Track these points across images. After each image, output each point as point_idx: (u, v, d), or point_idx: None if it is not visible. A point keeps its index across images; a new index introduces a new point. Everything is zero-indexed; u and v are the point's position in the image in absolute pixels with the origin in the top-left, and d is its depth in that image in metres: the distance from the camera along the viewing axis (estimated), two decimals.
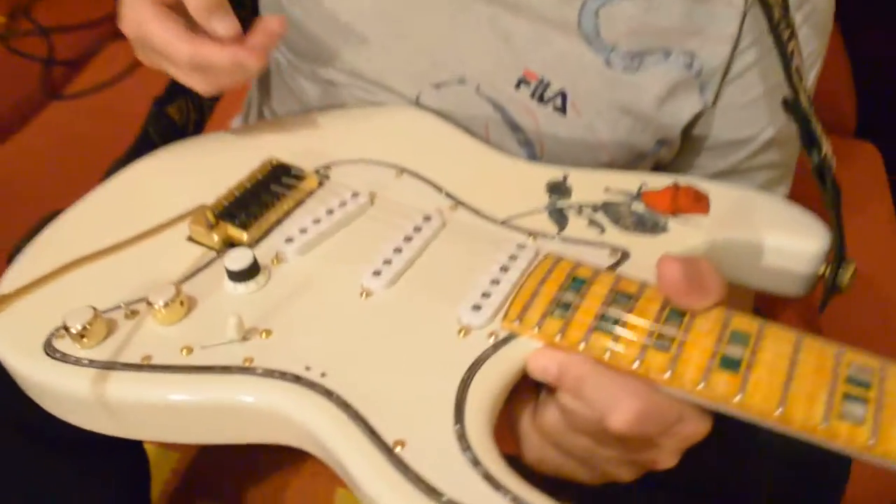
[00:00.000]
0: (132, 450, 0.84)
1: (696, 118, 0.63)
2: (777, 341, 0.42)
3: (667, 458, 0.43)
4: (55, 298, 0.48)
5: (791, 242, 0.50)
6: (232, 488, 1.14)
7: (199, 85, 0.53)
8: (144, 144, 0.65)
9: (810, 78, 0.65)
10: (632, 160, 0.64)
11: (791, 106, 0.54)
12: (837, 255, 0.49)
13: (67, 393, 0.45)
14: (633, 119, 0.61)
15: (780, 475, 0.64)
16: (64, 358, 0.45)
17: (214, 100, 0.71)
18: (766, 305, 0.59)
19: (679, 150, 0.67)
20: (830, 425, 0.38)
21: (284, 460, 1.18)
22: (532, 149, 0.63)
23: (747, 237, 0.50)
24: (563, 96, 0.60)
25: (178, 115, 0.65)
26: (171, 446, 1.17)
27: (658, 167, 0.68)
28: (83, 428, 0.46)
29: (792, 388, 0.40)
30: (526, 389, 0.45)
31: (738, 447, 0.45)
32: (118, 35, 1.50)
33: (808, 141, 0.52)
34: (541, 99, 0.60)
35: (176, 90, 0.67)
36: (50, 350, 0.45)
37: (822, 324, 0.96)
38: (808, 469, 0.63)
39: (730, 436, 0.43)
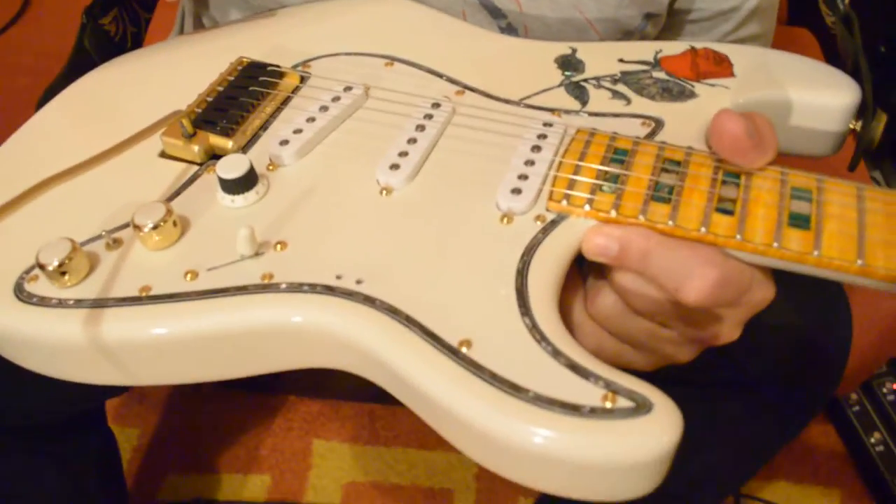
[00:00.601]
0: (97, 428, 0.78)
1: None
2: (839, 194, 0.39)
3: (730, 331, 0.41)
4: (16, 235, 0.40)
5: (822, 98, 0.47)
6: (203, 457, 1.08)
7: None
8: (82, 61, 0.56)
9: None
10: (619, 39, 0.60)
11: None
12: (869, 107, 0.46)
13: (55, 342, 0.38)
14: None
15: (782, 353, 0.63)
16: (43, 301, 0.38)
17: (150, 11, 0.62)
18: None
19: (663, 27, 0.63)
20: None
21: (254, 418, 1.12)
22: (515, 34, 0.58)
23: (777, 96, 0.47)
24: None
25: (114, 27, 0.56)
26: (128, 422, 1.09)
27: None
28: (77, 382, 0.40)
29: (867, 237, 0.37)
30: (571, 277, 0.41)
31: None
32: None
33: None
34: None
35: None
36: (23, 295, 0.38)
37: None
38: (809, 348, 0.63)
39: None
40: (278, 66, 0.49)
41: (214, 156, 0.44)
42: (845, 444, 1.15)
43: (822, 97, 0.47)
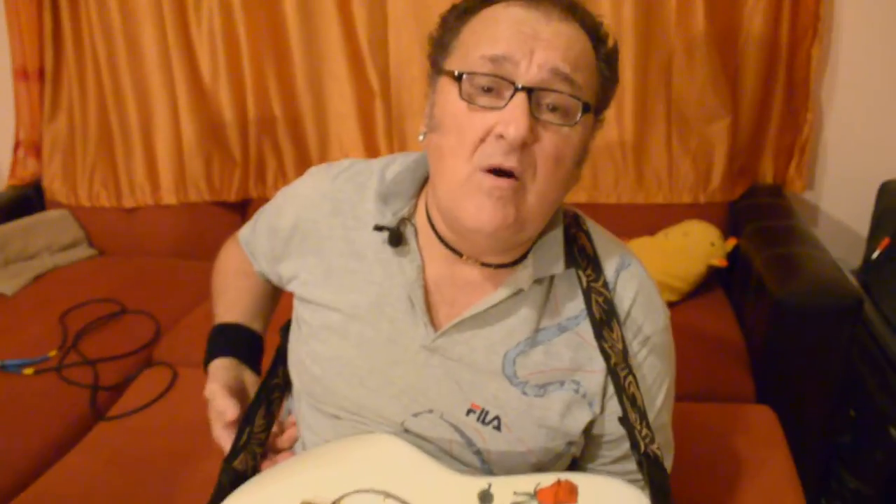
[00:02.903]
0: None
1: (591, 423, 0.93)
2: None
3: None
4: None
5: None
6: None
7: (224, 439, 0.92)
8: (219, 496, 0.96)
9: (662, 391, 0.94)
10: (552, 459, 0.93)
11: (622, 421, 0.86)
12: None
13: None
14: (547, 430, 0.91)
15: None
16: None
17: (262, 445, 1.03)
18: None
19: (585, 445, 0.96)
20: None
21: None
22: (482, 456, 0.92)
23: None
24: (498, 419, 0.90)
25: (242, 465, 0.98)
26: None
27: (574, 460, 0.97)
28: None
29: None
30: None
31: None
32: (151, 363, 1.71)
33: (633, 443, 0.83)
34: (483, 422, 0.90)
35: (238, 448, 0.99)
36: None
37: None
38: None
39: None
40: None
41: None
42: None
43: None
